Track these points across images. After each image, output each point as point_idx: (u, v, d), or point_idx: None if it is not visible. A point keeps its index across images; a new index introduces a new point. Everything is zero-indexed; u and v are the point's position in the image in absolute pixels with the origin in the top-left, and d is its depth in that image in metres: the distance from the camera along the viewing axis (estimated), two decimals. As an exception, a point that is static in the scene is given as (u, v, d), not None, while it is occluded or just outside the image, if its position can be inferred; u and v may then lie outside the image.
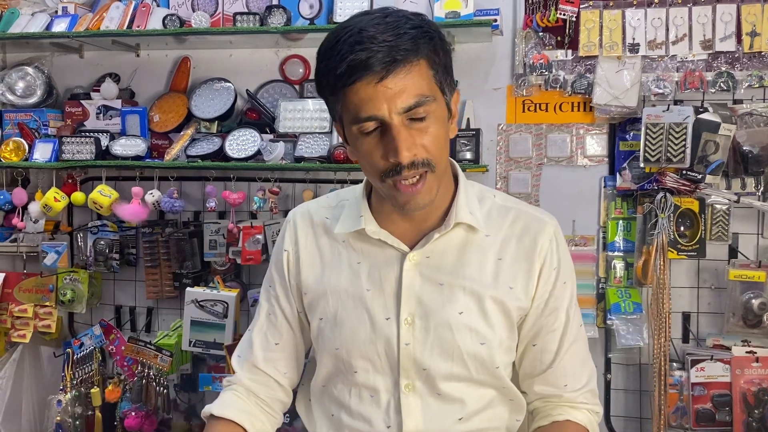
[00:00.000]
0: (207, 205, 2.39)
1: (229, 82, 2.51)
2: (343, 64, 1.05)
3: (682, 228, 2.19)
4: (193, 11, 2.43)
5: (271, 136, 2.38)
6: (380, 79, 1.05)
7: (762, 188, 2.20)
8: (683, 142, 2.10)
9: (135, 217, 2.41)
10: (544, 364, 1.26)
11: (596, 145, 2.35)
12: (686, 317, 2.30)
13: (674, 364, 2.22)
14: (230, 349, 2.20)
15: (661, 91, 2.22)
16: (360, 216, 1.24)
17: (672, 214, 2.14)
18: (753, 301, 2.14)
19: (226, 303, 2.29)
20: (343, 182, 2.35)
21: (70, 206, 2.54)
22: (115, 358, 2.48)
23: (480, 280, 1.21)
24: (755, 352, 2.16)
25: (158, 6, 2.49)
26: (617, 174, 2.29)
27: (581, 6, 2.28)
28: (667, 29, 2.23)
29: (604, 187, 2.33)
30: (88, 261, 2.56)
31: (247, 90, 2.50)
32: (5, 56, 2.74)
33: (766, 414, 2.14)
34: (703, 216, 2.17)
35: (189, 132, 2.46)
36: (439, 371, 1.20)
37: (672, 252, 2.16)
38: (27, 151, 2.48)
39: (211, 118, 2.46)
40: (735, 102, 2.21)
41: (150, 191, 2.41)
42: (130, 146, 2.44)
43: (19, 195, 2.48)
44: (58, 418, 2.41)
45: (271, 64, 2.56)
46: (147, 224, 2.53)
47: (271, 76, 2.55)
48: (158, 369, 2.34)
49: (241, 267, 2.55)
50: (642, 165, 2.17)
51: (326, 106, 1.19)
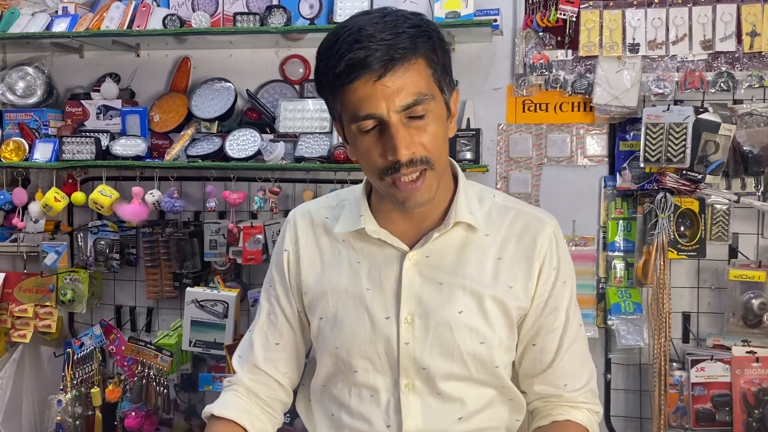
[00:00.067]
0: (207, 205, 2.39)
1: (230, 82, 2.51)
2: (342, 62, 1.06)
3: (682, 228, 2.19)
4: (193, 11, 2.43)
5: (271, 136, 2.38)
6: (378, 77, 1.05)
7: (762, 188, 2.20)
8: (683, 142, 2.10)
9: (135, 217, 2.41)
10: (543, 364, 1.26)
11: (596, 145, 2.35)
12: (686, 317, 2.30)
13: (674, 364, 2.22)
14: (230, 349, 2.20)
15: (661, 91, 2.22)
16: (360, 215, 1.24)
17: (672, 214, 2.14)
18: (753, 301, 2.14)
19: (227, 303, 2.29)
20: (343, 182, 2.35)
21: (71, 206, 2.54)
22: (115, 358, 2.49)
23: (480, 280, 1.21)
24: (755, 352, 2.16)
25: (158, 6, 2.49)
26: (617, 174, 2.29)
27: (581, 6, 2.28)
28: (667, 29, 2.23)
29: (604, 187, 2.33)
30: (89, 261, 2.56)
31: (247, 90, 2.50)
32: (5, 56, 2.74)
33: (766, 414, 2.14)
34: (703, 216, 2.17)
35: (189, 132, 2.46)
36: (439, 370, 1.20)
37: (672, 252, 2.16)
38: (27, 151, 2.48)
39: (212, 118, 2.46)
40: (735, 102, 2.21)
41: (150, 191, 2.41)
42: (130, 146, 2.44)
43: (19, 195, 2.48)
44: (59, 418, 2.41)
45: (272, 64, 2.56)
46: (147, 224, 2.53)
47: (272, 76, 2.56)
48: (158, 369, 2.34)
49: (241, 267, 2.55)
50: (642, 165, 2.17)
51: (326, 106, 1.19)
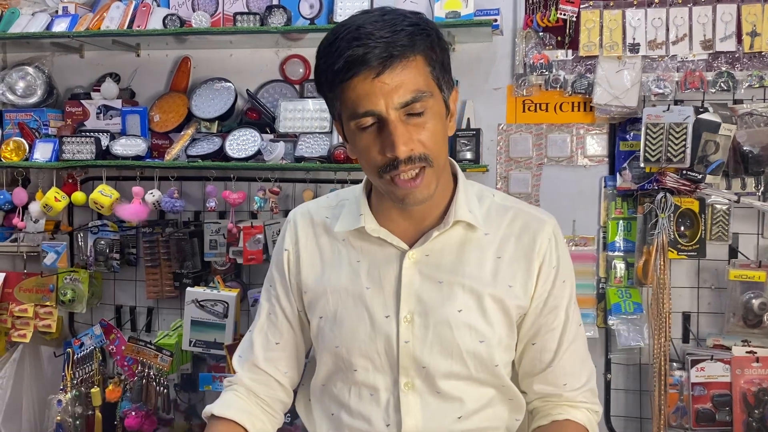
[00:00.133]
0: (207, 205, 2.39)
1: (230, 82, 2.51)
2: (341, 59, 1.06)
3: (682, 228, 2.18)
4: (194, 11, 2.43)
5: (271, 136, 2.38)
6: (377, 74, 1.06)
7: (762, 188, 2.20)
8: (683, 142, 2.10)
9: (135, 217, 2.41)
10: (543, 363, 1.26)
11: (596, 145, 2.35)
12: (686, 317, 2.30)
13: (674, 364, 2.22)
14: (230, 348, 2.20)
15: (661, 91, 2.22)
16: (360, 214, 1.24)
17: (672, 214, 2.14)
18: (753, 301, 2.14)
19: (227, 303, 2.29)
20: (343, 182, 2.35)
21: (71, 206, 2.54)
22: (115, 358, 2.49)
23: (479, 278, 1.21)
24: (755, 352, 2.16)
25: (158, 6, 2.49)
26: (617, 174, 2.29)
27: (581, 6, 2.28)
28: (668, 29, 2.23)
29: (605, 187, 2.33)
30: (89, 261, 2.57)
31: (247, 90, 2.50)
32: (5, 56, 2.74)
33: (766, 414, 2.14)
34: (703, 216, 2.17)
35: (189, 132, 2.46)
36: (439, 369, 1.20)
37: (672, 252, 2.16)
38: (27, 150, 2.48)
39: (212, 118, 2.46)
40: (735, 102, 2.21)
41: (150, 191, 2.41)
42: (130, 146, 2.44)
43: (19, 195, 2.48)
44: (59, 418, 2.41)
45: (272, 64, 2.56)
46: (147, 224, 2.53)
47: (272, 76, 2.56)
48: (158, 369, 2.35)
49: (241, 267, 2.55)
50: (642, 165, 2.17)
51: (326, 105, 1.19)
